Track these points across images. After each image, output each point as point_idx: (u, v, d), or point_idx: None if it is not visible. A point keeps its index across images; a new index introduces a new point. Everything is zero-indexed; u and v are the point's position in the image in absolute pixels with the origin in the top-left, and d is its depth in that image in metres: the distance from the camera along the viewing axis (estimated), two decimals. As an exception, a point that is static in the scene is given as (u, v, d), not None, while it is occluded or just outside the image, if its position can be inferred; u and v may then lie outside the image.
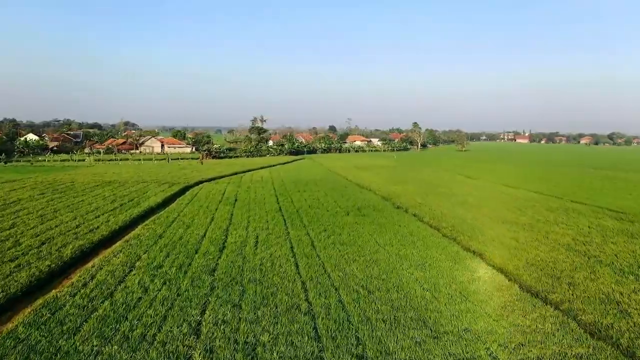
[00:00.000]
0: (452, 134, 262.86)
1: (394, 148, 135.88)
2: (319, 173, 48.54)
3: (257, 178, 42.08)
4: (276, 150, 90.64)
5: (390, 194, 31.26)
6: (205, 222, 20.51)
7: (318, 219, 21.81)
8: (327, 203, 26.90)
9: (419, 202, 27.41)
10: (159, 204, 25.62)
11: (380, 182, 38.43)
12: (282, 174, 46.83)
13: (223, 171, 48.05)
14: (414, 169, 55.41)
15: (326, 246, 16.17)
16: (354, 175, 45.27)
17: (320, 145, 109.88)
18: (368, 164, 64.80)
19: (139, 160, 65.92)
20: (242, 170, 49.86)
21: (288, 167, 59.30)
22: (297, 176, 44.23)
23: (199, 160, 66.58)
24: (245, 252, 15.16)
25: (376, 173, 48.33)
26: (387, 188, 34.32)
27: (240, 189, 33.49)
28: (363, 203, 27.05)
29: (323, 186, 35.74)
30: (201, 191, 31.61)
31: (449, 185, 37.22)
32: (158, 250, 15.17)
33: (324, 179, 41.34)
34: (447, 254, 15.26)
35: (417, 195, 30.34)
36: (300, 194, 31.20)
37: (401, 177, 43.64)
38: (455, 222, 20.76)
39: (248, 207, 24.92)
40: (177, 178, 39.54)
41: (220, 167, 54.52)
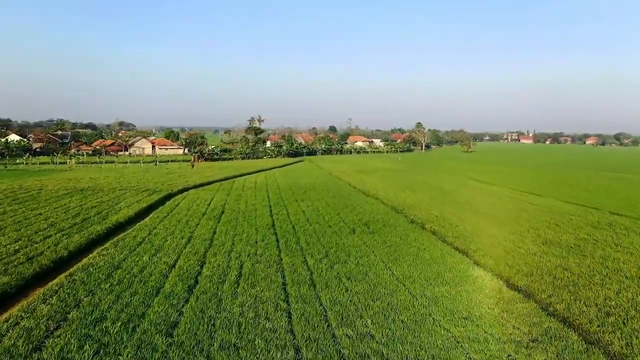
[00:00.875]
0: (455, 134, 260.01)
1: (397, 149, 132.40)
2: (319, 178, 45.07)
3: (250, 184, 38.58)
4: (274, 152, 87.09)
5: (401, 203, 27.77)
6: (179, 244, 16.99)
7: (318, 238, 18.32)
8: (329, 216, 23.40)
9: (436, 214, 23.92)
10: (131, 218, 22.11)
11: (387, 189, 34.94)
12: (278, 179, 43.35)
13: (214, 176, 44.55)
14: (421, 173, 51.94)
15: (329, 282, 12.68)
16: (358, 180, 41.79)
17: (321, 146, 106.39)
18: (372, 166, 61.33)
19: (125, 163, 62.40)
20: (234, 175, 46.36)
21: (286, 170, 55.83)
22: (295, 181, 40.74)
23: (189, 163, 63.09)
24: (223, 293, 11.66)
25: (382, 177, 44.85)
26: (396, 196, 30.84)
27: (230, 197, 29.97)
28: (371, 216, 23.56)
29: (324, 194, 32.26)
30: (184, 201, 28.10)
31: (465, 192, 33.73)
32: (107, 291, 11.66)
33: (324, 185, 37.85)
34: (489, 295, 11.76)
35: (431, 205, 26.84)
36: (298, 204, 27.71)
37: (410, 183, 40.14)
38: (485, 244, 17.27)
39: (235, 223, 21.40)
40: (160, 184, 36.03)
41: (212, 170, 51.04)
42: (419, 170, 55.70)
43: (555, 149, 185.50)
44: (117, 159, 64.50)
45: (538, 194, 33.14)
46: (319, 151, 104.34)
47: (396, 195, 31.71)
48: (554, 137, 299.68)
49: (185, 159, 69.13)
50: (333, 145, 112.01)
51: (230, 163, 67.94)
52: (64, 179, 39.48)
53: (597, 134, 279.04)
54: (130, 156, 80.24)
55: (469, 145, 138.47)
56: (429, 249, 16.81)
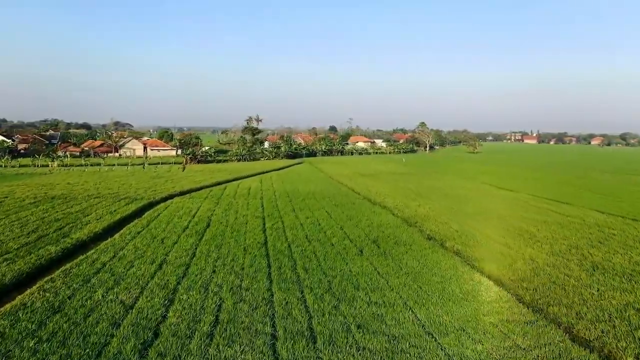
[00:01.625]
0: (458, 134, 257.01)
1: (400, 150, 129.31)
2: (319, 182, 42.03)
3: (243, 190, 35.54)
4: (271, 153, 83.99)
5: (413, 214, 24.75)
6: (147, 272, 13.94)
7: (319, 262, 15.29)
8: (331, 231, 20.37)
9: (455, 229, 20.91)
10: (97, 234, 19.06)
11: (395, 196, 31.91)
12: (275, 184, 40.31)
13: (204, 180, 41.51)
14: (430, 176, 48.90)
15: (334, 334, 9.63)
16: (362, 185, 38.74)
17: (321, 147, 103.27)
18: (376, 169, 58.31)
19: (112, 166, 59.36)
20: (227, 179, 43.33)
21: (283, 173, 52.80)
22: (293, 187, 37.70)
23: (181, 166, 60.07)
24: (189, 355, 8.59)
25: (387, 182, 41.81)
26: (407, 205, 27.82)
27: (219, 207, 26.92)
28: (380, 230, 20.53)
29: (325, 202, 29.23)
30: (166, 211, 25.05)
31: (484, 201, 30.70)
32: (28, 354, 8.59)
33: (325, 191, 34.81)
34: (555, 354, 8.70)
35: (448, 216, 23.81)
36: (296, 214, 24.68)
37: (419, 188, 37.09)
38: (524, 271, 14.26)
39: (221, 240, 18.36)
40: (143, 190, 32.98)
41: (203, 174, 48.00)
42: (426, 174, 52.66)
43: (562, 149, 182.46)
44: (104, 161, 61.48)
45: (565, 201, 30.09)
46: (319, 152, 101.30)
47: (406, 203, 28.67)
48: (559, 137, 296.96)
49: (177, 161, 66.06)
50: (334, 146, 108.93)
51: (224, 165, 64.91)
52: (37, 184, 36.43)
53: (602, 134, 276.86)
54: (119, 158, 77.24)
55: (475, 145, 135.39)
56: (456, 278, 13.77)
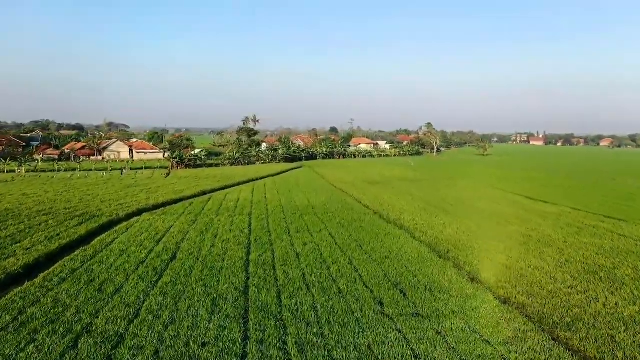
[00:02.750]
0: (464, 135, 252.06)
1: (406, 152, 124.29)
2: (320, 192, 37.06)
3: (230, 202, 30.57)
4: (268, 157, 78.89)
5: (441, 238, 19.83)
6: (45, 358, 8.95)
7: (321, 331, 10.42)
8: (338, 266, 15.45)
9: (505, 262, 16.02)
10: (12, 275, 14.06)
11: (413, 211, 26.95)
12: (269, 194, 35.35)
13: (187, 189, 36.55)
14: (446, 184, 43.90)
15: None
16: (371, 195, 33.76)
17: (321, 150, 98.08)
18: (383, 175, 53.30)
19: (89, 171, 54.29)
20: (214, 188, 38.37)
21: (280, 180, 47.84)
22: (290, 198, 32.73)
23: (166, 171, 55.13)
24: None
25: (400, 191, 36.81)
26: (430, 224, 22.88)
27: (194, 227, 21.96)
28: (403, 266, 15.60)
29: (327, 219, 24.27)
30: (124, 235, 20.08)
31: (523, 218, 25.71)
32: None
33: (328, 204, 29.85)
34: None
35: (489, 243, 18.85)
36: (291, 239, 19.74)
37: (438, 200, 32.10)
38: None
39: (183, 287, 13.39)
40: (108, 204, 28.04)
41: (188, 182, 43.05)
42: (440, 180, 47.66)
43: (574, 151, 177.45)
44: (80, 166, 56.56)
45: (622, 218, 25.07)
46: (320, 155, 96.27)
47: (428, 221, 23.70)
48: (566, 139, 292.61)
49: (162, 166, 61.12)
50: (335, 149, 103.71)
51: (215, 170, 59.96)
52: (-15, 195, 31.45)
53: (611, 135, 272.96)
54: (102, 161, 72.38)
55: (485, 147, 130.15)
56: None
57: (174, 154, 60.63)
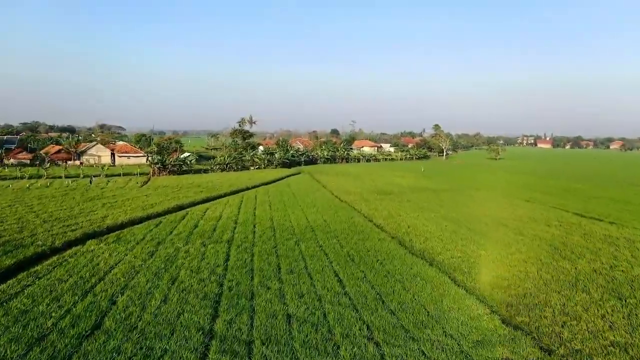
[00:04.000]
0: (470, 138, 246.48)
1: (412, 156, 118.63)
2: (322, 206, 31.40)
3: (208, 222, 24.90)
4: (263, 161, 73.06)
5: (495, 283, 14.16)
6: None
7: None
8: (353, 348, 9.74)
9: (611, 338, 10.34)
10: None
11: (443, 236, 21.29)
12: (259, 209, 29.70)
13: (161, 202, 30.89)
14: (469, 195, 38.19)
15: None
16: (384, 212, 28.09)
17: (322, 154, 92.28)
18: (393, 183, 47.58)
19: (58, 178, 48.56)
20: (194, 201, 32.69)
21: (274, 190, 42.19)
22: (284, 216, 27.06)
23: (143, 179, 49.41)
24: None
25: (418, 206, 31.12)
26: (470, 258, 17.26)
27: (151, 264, 16.29)
28: (455, 343, 9.91)
29: (332, 249, 18.61)
30: (41, 282, 14.40)
31: (586, 247, 20.01)
32: None
33: (331, 225, 24.20)
34: None
35: (577, 299, 13.17)
36: (282, 286, 14.12)
37: (470, 218, 26.42)
38: None
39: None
40: (50, 225, 22.41)
41: (165, 192, 37.38)
42: (462, 190, 41.98)
43: (587, 154, 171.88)
44: (47, 172, 50.93)
45: None
46: (321, 159, 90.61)
47: (467, 252, 18.06)
48: (574, 141, 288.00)
49: (142, 172, 55.48)
50: (337, 152, 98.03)
51: (202, 177, 54.30)
52: None
53: (620, 138, 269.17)
54: (80, 166, 66.73)
55: (497, 151, 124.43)
56: None
57: (154, 160, 54.89)
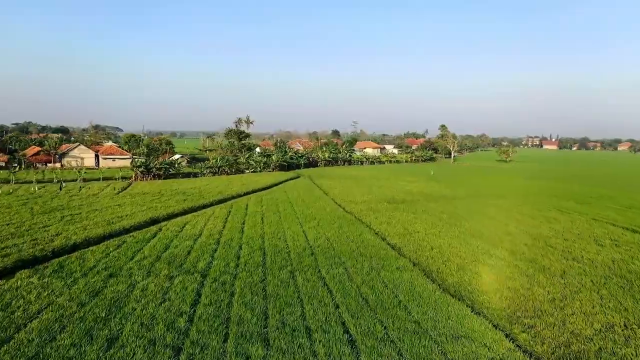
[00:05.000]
0: (475, 139, 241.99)
1: (418, 158, 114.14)
2: (323, 219, 26.98)
3: (183, 243, 20.47)
4: (259, 164, 68.52)
5: (581, 351, 9.69)
6: None
7: None
8: None
9: None
10: None
11: (479, 261, 16.81)
12: (248, 224, 25.28)
13: (133, 215, 26.48)
14: (494, 204, 33.72)
15: None
16: (399, 227, 23.65)
17: (323, 155, 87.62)
18: (403, 189, 43.10)
19: (28, 183, 44.12)
20: (173, 212, 28.28)
21: (268, 198, 37.77)
22: (278, 233, 22.62)
23: (128, 182, 45.00)
24: None
25: (439, 219, 26.66)
26: (528, 301, 12.76)
27: (85, 312, 11.88)
28: None
29: (339, 285, 14.19)
30: None
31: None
32: None
33: (336, 246, 19.75)
34: None
35: None
36: (264, 357, 9.58)
37: (505, 236, 21.96)
38: None
39: None
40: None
41: (144, 200, 32.96)
42: (484, 199, 37.50)
43: (599, 156, 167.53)
44: (14, 177, 46.54)
45: None
46: (321, 161, 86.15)
47: (513, 284, 13.61)
48: (581, 143, 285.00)
49: (124, 176, 51.07)
50: (339, 154, 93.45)
51: (189, 183, 49.90)
52: None
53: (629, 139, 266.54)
54: (61, 169, 62.42)
55: (508, 153, 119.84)
56: None
57: (137, 162, 50.47)
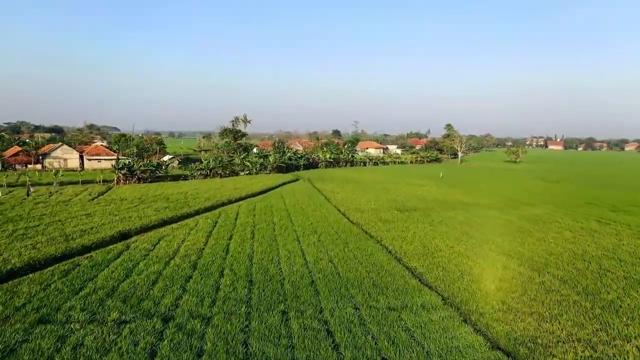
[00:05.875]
0: (480, 139, 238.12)
1: (423, 159, 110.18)
2: (325, 235, 23.06)
3: (151, 268, 16.53)
4: (255, 166, 64.44)
5: None
6: None
7: None
8: None
9: None
10: None
11: (537, 303, 12.89)
12: (234, 240, 21.33)
13: (97, 230, 22.54)
14: (520, 214, 29.75)
15: None
16: (418, 244, 19.69)
17: (324, 156, 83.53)
18: (415, 194, 39.13)
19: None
20: (148, 223, 24.33)
21: (262, 205, 33.84)
22: (269, 254, 18.68)
23: (108, 185, 41.10)
24: None
25: (464, 234, 22.72)
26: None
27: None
28: None
29: (350, 341, 10.22)
30: None
31: None
32: None
33: (343, 272, 15.82)
34: None
35: None
36: None
37: (549, 258, 17.98)
38: None
39: None
40: None
41: (118, 208, 29.05)
42: (505, 204, 33.52)
43: (610, 156, 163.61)
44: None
45: None
46: (322, 162, 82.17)
47: (592, 339, 9.57)
48: (587, 143, 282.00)
49: (106, 179, 47.15)
50: (341, 155, 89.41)
51: (176, 187, 45.94)
52: None
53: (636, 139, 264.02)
54: (41, 171, 58.50)
55: (517, 153, 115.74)
56: None
57: (119, 164, 46.46)
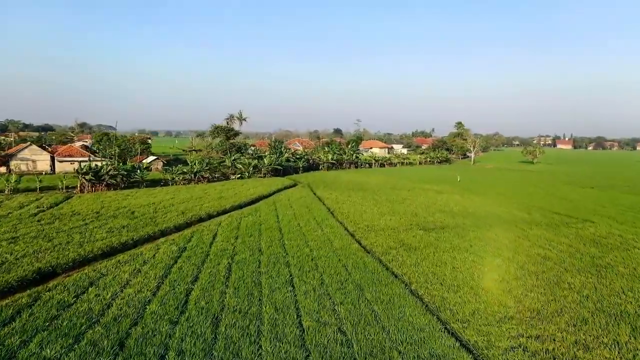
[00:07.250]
0: (488, 138, 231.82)
1: (433, 160, 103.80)
2: (330, 275, 16.93)
3: (43, 351, 10.19)
4: (247, 168, 58.04)
5: None
6: None
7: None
8: None
9: None
10: None
11: None
12: (198, 291, 15.08)
13: (4, 266, 16.26)
14: (582, 233, 23.49)
15: None
16: (462, 285, 13.41)
17: (326, 157, 76.92)
18: (435, 205, 32.78)
19: None
20: (82, 257, 18.11)
21: (250, 221, 27.59)
22: (242, 319, 12.41)
23: (66, 194, 34.88)
24: None
25: (525, 272, 16.41)
26: None
27: None
28: None
29: None
30: None
31: None
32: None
33: (359, 354, 9.46)
34: None
35: None
36: None
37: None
38: None
39: None
40: None
41: (57, 230, 22.89)
42: (563, 224, 27.23)
43: (625, 156, 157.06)
44: None
45: None
46: (324, 164, 75.81)
47: None
48: (597, 142, 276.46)
49: (69, 185, 40.86)
50: (344, 155, 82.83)
51: (149, 195, 39.66)
52: None
53: None
54: (3, 175, 52.29)
55: (535, 153, 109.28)
56: None
57: (83, 169, 40.13)
